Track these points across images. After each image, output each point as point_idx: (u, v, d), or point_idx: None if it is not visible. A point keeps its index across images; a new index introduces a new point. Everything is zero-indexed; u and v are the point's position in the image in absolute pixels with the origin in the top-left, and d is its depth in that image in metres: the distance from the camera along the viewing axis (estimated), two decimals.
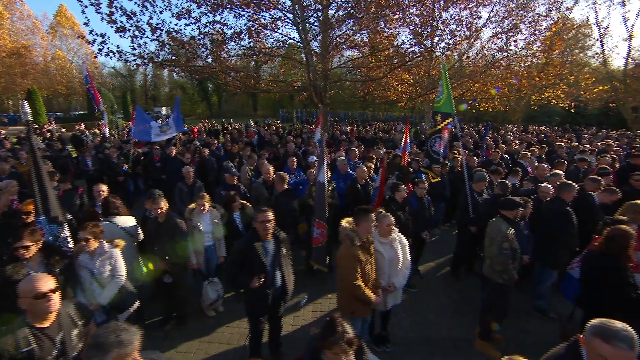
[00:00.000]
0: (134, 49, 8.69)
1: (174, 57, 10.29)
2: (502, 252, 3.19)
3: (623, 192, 5.12)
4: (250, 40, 10.74)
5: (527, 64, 17.39)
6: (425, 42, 14.92)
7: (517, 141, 10.45)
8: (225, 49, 10.95)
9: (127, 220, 3.96)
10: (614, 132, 15.56)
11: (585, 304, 3.00)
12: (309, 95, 13.15)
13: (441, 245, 6.05)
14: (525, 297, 4.47)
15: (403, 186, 4.40)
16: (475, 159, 6.82)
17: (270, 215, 2.85)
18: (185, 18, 9.46)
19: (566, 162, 6.39)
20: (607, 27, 18.86)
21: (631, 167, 6.62)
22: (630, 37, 18.62)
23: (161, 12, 8.67)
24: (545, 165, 5.64)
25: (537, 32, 14.43)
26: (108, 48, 8.05)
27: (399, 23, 14.51)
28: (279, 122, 28.12)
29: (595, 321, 1.59)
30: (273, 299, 2.92)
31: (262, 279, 2.79)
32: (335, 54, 11.43)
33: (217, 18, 9.79)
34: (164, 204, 3.69)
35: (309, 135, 13.00)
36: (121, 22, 7.65)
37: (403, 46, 14.05)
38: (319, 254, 4.38)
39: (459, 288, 4.89)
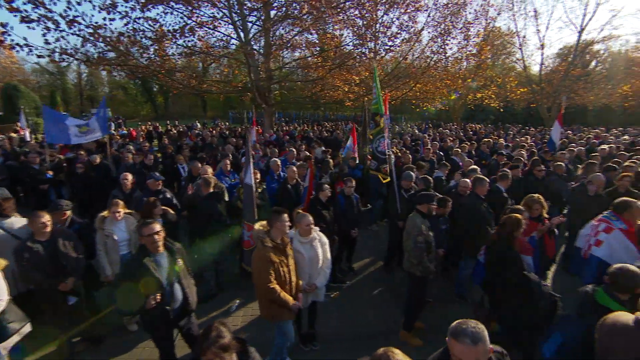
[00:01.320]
0: (47, 42, 7.82)
1: (103, 55, 9.46)
2: (416, 245, 3.34)
3: (528, 182, 5.70)
4: (187, 38, 10.24)
5: (461, 67, 18.78)
6: (368, 44, 15.46)
7: (451, 138, 11.16)
8: (162, 48, 10.29)
9: (17, 223, 3.52)
10: (533, 129, 17.36)
11: (488, 288, 3.24)
12: (253, 96, 12.90)
13: (377, 241, 6.22)
14: (449, 285, 4.77)
15: (327, 185, 4.45)
16: (410, 156, 7.13)
17: (157, 227, 2.65)
18: (112, 12, 8.74)
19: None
20: (524, 37, 21.10)
21: (541, 160, 7.42)
22: (542, 46, 21.06)
23: (79, 4, 7.89)
24: (471, 161, 6.06)
25: (467, 38, 15.67)
26: (12, 40, 7.13)
27: (342, 25, 14.87)
28: (227, 123, 27.18)
29: (454, 322, 1.67)
30: (175, 314, 2.72)
31: (158, 297, 2.53)
32: (275, 54, 11.30)
33: (150, 14, 9.21)
34: (47, 219, 3.19)
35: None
36: (25, 10, 6.81)
37: (348, 47, 14.46)
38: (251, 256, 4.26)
39: (391, 282, 5.04)
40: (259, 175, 4.70)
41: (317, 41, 14.89)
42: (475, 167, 5.25)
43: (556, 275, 5.03)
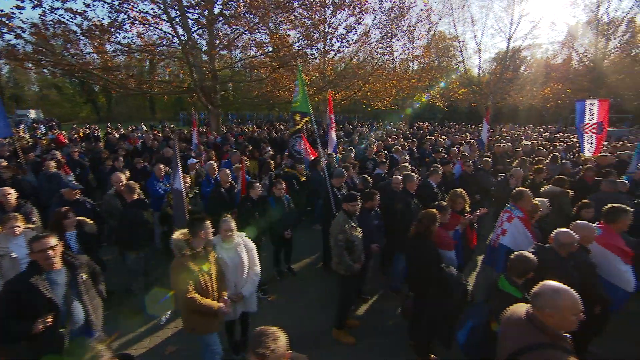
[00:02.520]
0: None
1: (13, 47, 8.44)
2: (336, 243, 3.38)
3: (459, 176, 6.06)
4: (120, 34, 9.52)
5: (407, 68, 19.74)
6: (316, 44, 15.59)
7: (394, 136, 11.62)
8: (100, 43, 9.45)
9: None
10: (475, 126, 18.69)
11: (409, 281, 3.37)
12: (197, 97, 12.38)
13: (319, 242, 6.23)
14: (386, 280, 4.92)
15: (258, 184, 4.37)
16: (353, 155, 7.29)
17: (51, 241, 2.37)
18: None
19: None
20: (463, 41, 22.74)
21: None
22: (479, 50, 22.89)
23: None
24: (406, 158, 6.32)
25: (411, 40, 16.50)
26: None
27: (292, 25, 14.84)
28: (172, 125, 25.69)
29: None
30: (74, 336, 2.45)
31: (49, 319, 2.24)
32: (214, 53, 10.93)
33: (74, 5, 8.41)
34: None
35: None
36: None
37: (296, 47, 14.44)
38: None
39: (329, 282, 5.04)
40: (189, 180, 4.48)
41: (266, 41, 14.75)
42: (406, 164, 5.48)
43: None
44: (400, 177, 4.88)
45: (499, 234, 3.72)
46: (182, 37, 10.73)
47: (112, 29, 8.87)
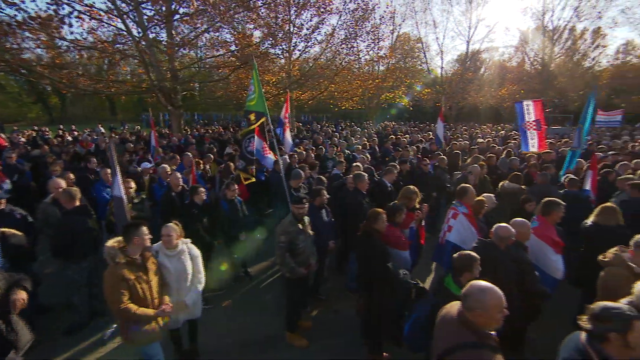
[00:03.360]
0: None
1: None
2: (278, 244, 3.34)
3: (416, 175, 6.22)
4: (63, 29, 8.87)
5: (372, 68, 20.13)
6: (281, 45, 15.48)
7: (358, 135, 11.78)
8: (23, 38, 8.72)
9: None
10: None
11: (357, 279, 3.40)
12: (156, 97, 11.86)
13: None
14: (342, 278, 4.93)
15: (201, 189, 4.25)
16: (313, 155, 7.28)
17: None
18: None
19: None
20: (425, 43, 23.65)
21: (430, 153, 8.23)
22: (441, 52, 23.87)
23: None
24: (364, 157, 6.39)
25: (375, 41, 16.79)
26: None
27: (257, 24, 14.62)
28: (138, 127, 24.50)
29: None
30: None
31: None
32: (171, 52, 10.52)
33: None
34: None
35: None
36: None
37: (262, 47, 14.24)
38: None
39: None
40: (133, 185, 4.24)
41: (230, 40, 14.41)
42: (359, 163, 5.54)
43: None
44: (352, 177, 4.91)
45: (445, 231, 3.84)
46: (138, 34, 10.22)
47: (53, 23, 8.22)
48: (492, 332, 1.80)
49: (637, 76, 21.67)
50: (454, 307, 1.98)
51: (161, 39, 11.28)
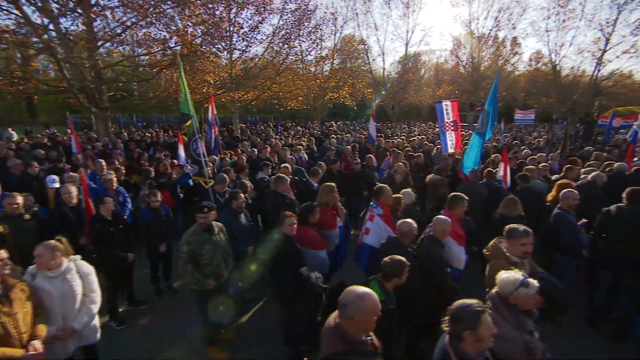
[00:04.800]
0: None
1: None
2: (180, 255, 3.18)
3: (346, 175, 6.33)
4: None
5: (315, 69, 20.34)
6: (221, 43, 14.92)
7: (297, 135, 11.78)
8: None
9: None
10: (383, 123, 20.21)
11: (274, 284, 3.34)
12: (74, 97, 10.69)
13: None
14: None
15: (107, 198, 3.90)
16: (244, 157, 7.09)
17: None
18: None
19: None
20: (367, 44, 24.45)
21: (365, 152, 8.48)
22: (383, 53, 24.90)
23: None
24: (292, 158, 6.35)
25: (316, 42, 16.96)
26: None
27: (189, 21, 13.88)
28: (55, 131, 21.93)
29: None
30: None
31: None
32: (83, 46, 9.59)
33: None
34: None
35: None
36: None
37: (202, 47, 13.56)
38: None
39: None
40: (20, 200, 3.71)
41: (165, 37, 13.51)
42: (286, 165, 5.49)
43: None
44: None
45: (363, 233, 3.92)
46: (43, 23, 9.08)
47: None
48: (367, 338, 1.81)
49: (546, 81, 24.62)
50: (332, 316, 1.95)
51: (78, 32, 10.17)
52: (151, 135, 15.08)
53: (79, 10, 9.25)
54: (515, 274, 2.15)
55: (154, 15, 10.93)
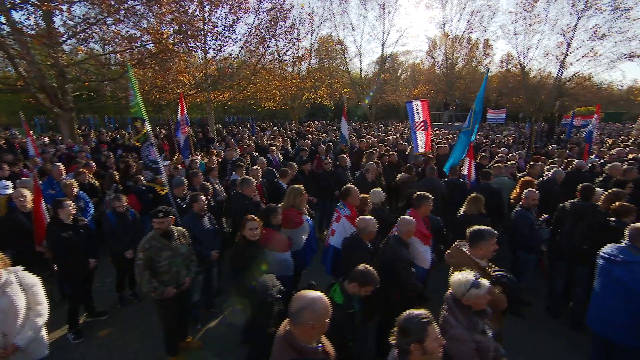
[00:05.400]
0: None
1: None
2: (136, 262, 3.06)
3: (318, 175, 6.29)
4: None
5: (293, 69, 20.26)
6: (194, 42, 14.55)
7: (272, 136, 11.70)
8: None
9: None
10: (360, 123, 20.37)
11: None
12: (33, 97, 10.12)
13: None
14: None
15: (67, 202, 3.71)
16: (215, 158, 6.93)
17: None
18: None
19: None
20: (344, 45, 24.59)
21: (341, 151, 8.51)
22: (360, 54, 25.12)
23: None
24: (263, 160, 6.26)
25: (291, 42, 16.87)
26: None
27: (161, 19, 13.45)
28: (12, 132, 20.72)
29: None
30: None
31: None
32: (38, 42, 9.10)
33: None
34: None
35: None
36: None
37: (176, 46, 13.15)
38: None
39: None
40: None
41: (136, 35, 13.00)
42: (256, 167, 5.40)
43: None
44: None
45: (329, 235, 3.91)
46: None
47: None
48: (319, 345, 1.75)
49: (516, 82, 25.70)
50: (283, 325, 1.87)
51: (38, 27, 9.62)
52: (123, 137, 14.54)
53: (32, 2, 8.70)
54: (467, 275, 2.17)
55: (122, 12, 10.52)
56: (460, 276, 2.20)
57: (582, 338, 3.71)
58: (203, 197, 3.87)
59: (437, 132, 15.17)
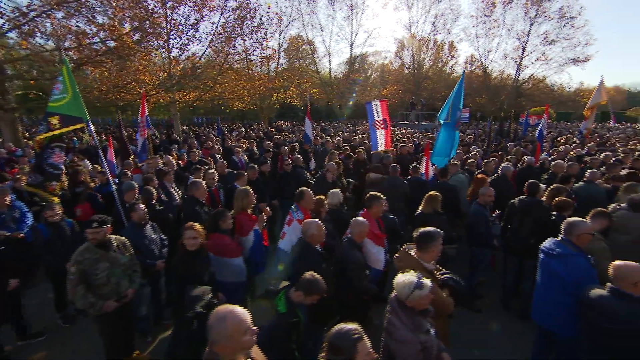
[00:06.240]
0: None
1: None
2: (68, 276, 2.79)
3: (280, 175, 6.18)
4: None
5: (261, 69, 19.98)
6: (157, 41, 13.94)
7: (238, 137, 11.44)
8: None
9: None
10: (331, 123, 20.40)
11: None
12: None
13: None
14: None
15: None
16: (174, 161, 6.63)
17: None
18: None
19: None
20: (313, 45, 24.70)
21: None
22: (329, 54, 25.30)
23: None
24: (224, 162, 6.05)
25: (258, 41, 16.60)
26: None
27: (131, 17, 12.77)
28: None
29: None
30: None
31: None
32: None
33: None
34: None
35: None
36: None
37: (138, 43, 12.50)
38: None
39: None
40: None
41: (91, 31, 12.19)
42: (212, 171, 5.19)
43: None
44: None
45: (280, 238, 3.81)
46: None
47: None
48: None
49: (479, 82, 26.96)
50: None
51: None
52: (80, 140, 13.65)
53: None
54: (410, 277, 2.15)
55: (72, 4, 9.84)
56: (404, 278, 2.18)
57: (530, 329, 3.85)
58: (142, 206, 3.62)
59: (403, 131, 15.51)
